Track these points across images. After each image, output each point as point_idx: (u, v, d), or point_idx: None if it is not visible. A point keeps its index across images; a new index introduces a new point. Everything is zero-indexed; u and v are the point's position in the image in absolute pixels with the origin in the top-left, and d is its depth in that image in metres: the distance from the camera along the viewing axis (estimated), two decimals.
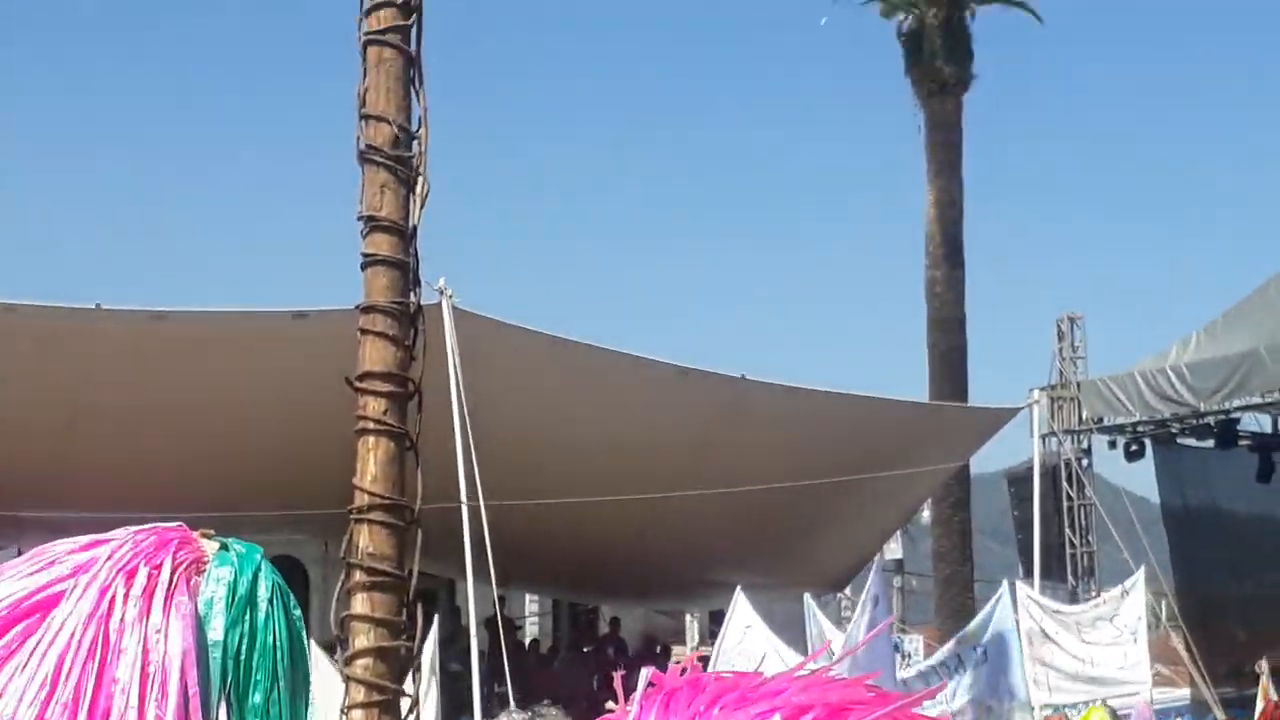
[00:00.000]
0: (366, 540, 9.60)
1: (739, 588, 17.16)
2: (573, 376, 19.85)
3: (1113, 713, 16.39)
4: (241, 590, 1.41)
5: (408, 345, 9.31)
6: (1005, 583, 18.98)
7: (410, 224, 9.55)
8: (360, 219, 9.63)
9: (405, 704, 5.85)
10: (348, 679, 10.15)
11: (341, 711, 12.13)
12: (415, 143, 10.10)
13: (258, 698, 1.39)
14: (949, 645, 17.63)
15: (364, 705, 9.67)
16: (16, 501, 18.80)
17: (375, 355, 9.43)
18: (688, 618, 17.38)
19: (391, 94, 9.30)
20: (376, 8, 10.42)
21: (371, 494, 9.30)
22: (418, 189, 9.88)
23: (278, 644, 1.44)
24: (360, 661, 9.72)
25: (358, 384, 9.07)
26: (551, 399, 19.36)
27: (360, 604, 9.71)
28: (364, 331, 9.16)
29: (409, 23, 9.79)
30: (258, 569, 1.47)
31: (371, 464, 9.30)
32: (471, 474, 15.41)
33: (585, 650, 26.04)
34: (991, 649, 16.51)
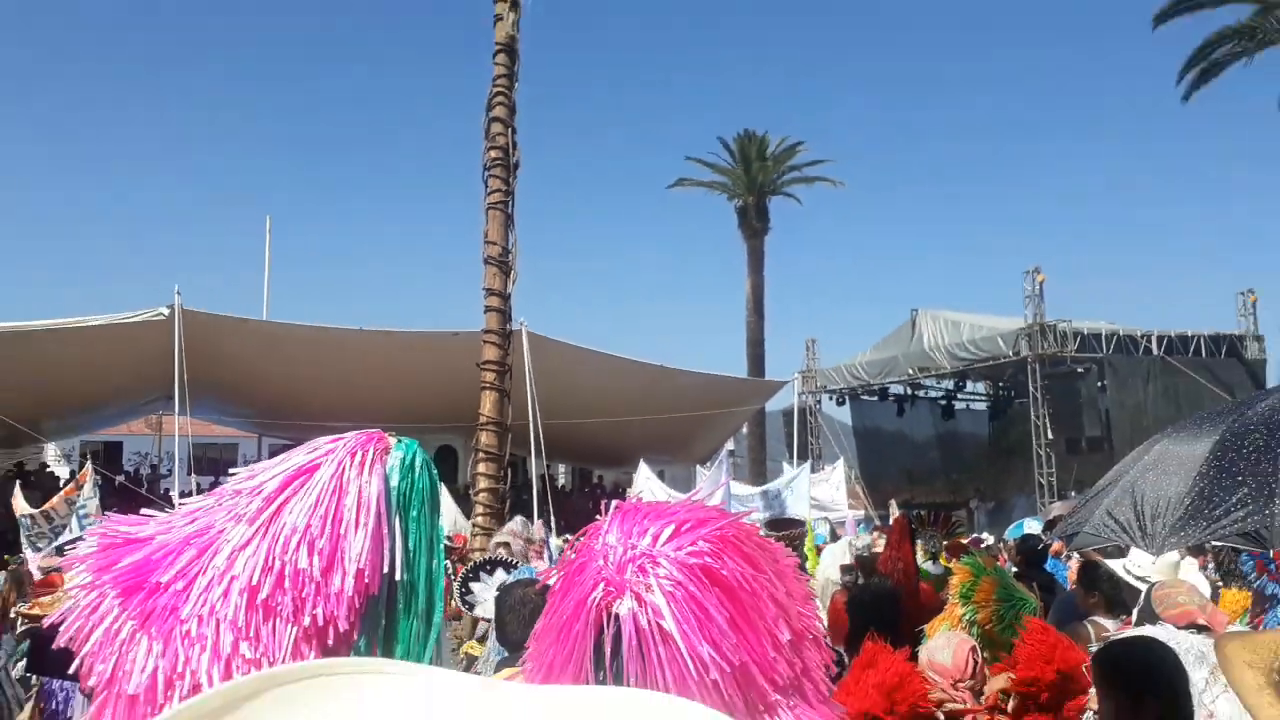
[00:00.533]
0: (484, 438, 16.68)
1: (642, 460, 19.29)
2: (586, 366, 22.38)
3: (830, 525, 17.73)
4: (407, 461, 1.47)
5: (505, 349, 16.19)
6: (787, 465, 21.36)
7: (509, 290, 16.02)
8: (484, 289, 15.97)
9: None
10: (475, 502, 16.74)
11: (471, 519, 17.06)
12: (510, 252, 16.43)
13: (414, 513, 1.44)
14: (757, 491, 18.07)
15: (483, 514, 16.22)
16: (305, 417, 19.80)
17: (490, 353, 16.37)
18: (634, 476, 20.37)
19: (499, 229, 16.05)
20: (491, 176, 15.54)
21: (486, 416, 16.33)
22: (511, 275, 16.28)
23: (425, 487, 1.48)
24: (481, 494, 16.52)
25: (481, 366, 13.23)
26: (569, 372, 20.88)
27: (481, 467, 16.41)
28: (485, 341, 15.86)
29: (511, 189, 16.08)
30: (415, 450, 1.51)
31: (487, 404, 16.21)
32: (534, 406, 17.10)
33: (585, 491, 28.68)
34: (776, 494, 17.27)
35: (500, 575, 4.36)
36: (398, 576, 1.42)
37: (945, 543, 8.88)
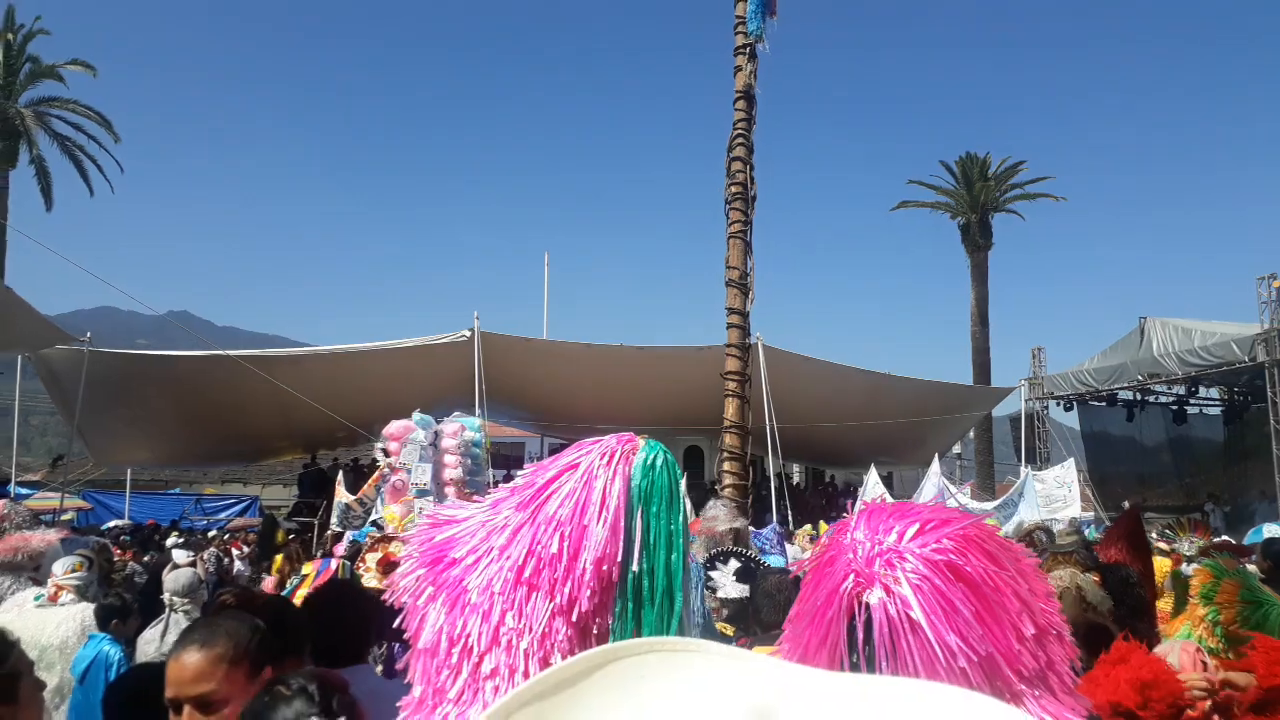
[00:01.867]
0: (728, 440, 16.35)
1: (872, 465, 18.90)
2: (818, 375, 22.05)
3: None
4: (649, 460, 1.45)
5: (744, 360, 15.87)
6: (1024, 469, 20.06)
7: (747, 309, 15.73)
8: (726, 309, 15.72)
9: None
10: (717, 497, 16.30)
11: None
12: (749, 275, 16.20)
13: (654, 508, 1.42)
14: (992, 505, 17.51)
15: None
16: (578, 420, 21.60)
17: (732, 365, 16.06)
18: (865, 479, 19.99)
19: (739, 256, 15.73)
20: (732, 208, 15.50)
21: (729, 420, 15.95)
22: (750, 296, 16.05)
23: (665, 485, 1.46)
24: (727, 490, 16.07)
25: (724, 376, 14.65)
26: (803, 380, 20.81)
27: (726, 466, 16.10)
28: (728, 354, 15.55)
29: (749, 219, 15.85)
30: (658, 451, 1.49)
31: (730, 409, 15.86)
32: (771, 411, 17.53)
33: (819, 489, 28.33)
34: (1008, 504, 16.94)
35: (734, 564, 4.37)
36: (635, 566, 1.42)
37: (1204, 545, 8.04)
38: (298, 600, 4.30)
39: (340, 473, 15.75)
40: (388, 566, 6.62)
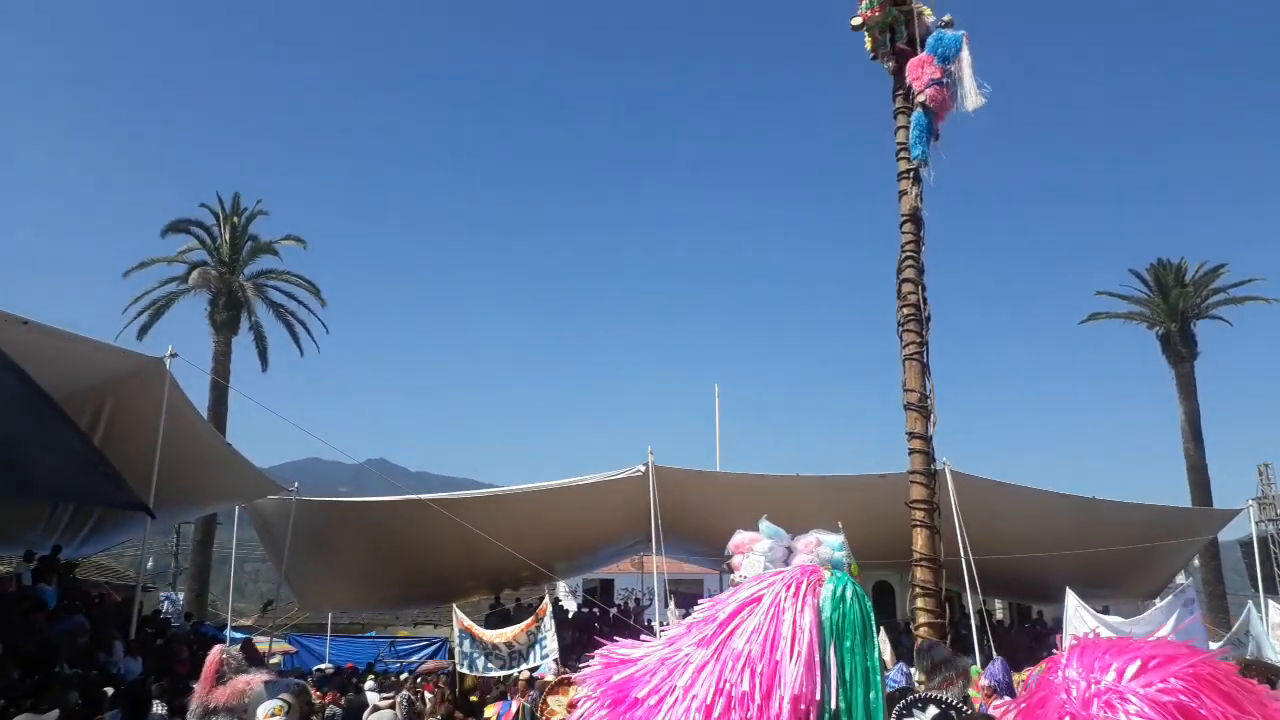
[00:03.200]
0: (920, 574, 15.20)
1: (1069, 590, 17.56)
2: (1011, 501, 20.69)
3: None
4: (838, 592, 1.44)
5: (931, 487, 14.82)
6: (1250, 602, 18.62)
7: (930, 433, 14.80)
8: (907, 434, 14.77)
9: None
10: (916, 636, 15.13)
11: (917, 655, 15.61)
12: (928, 397, 15.31)
13: (847, 643, 1.38)
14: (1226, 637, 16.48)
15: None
16: None
17: (918, 492, 15.01)
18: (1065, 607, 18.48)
19: (916, 378, 14.85)
20: (905, 330, 14.69)
21: (919, 552, 14.87)
22: (931, 419, 15.14)
23: (857, 618, 1.46)
24: (922, 629, 14.90)
25: (910, 504, 11.61)
26: (995, 508, 19.54)
27: (919, 602, 14.90)
28: (912, 481, 14.54)
29: (924, 340, 15.05)
30: (847, 584, 1.50)
31: (919, 540, 14.82)
32: (965, 542, 16.70)
33: (1025, 626, 26.64)
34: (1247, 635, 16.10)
35: (932, 710, 4.03)
36: (832, 705, 1.35)
37: None
38: None
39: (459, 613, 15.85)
40: (573, 707, 6.55)
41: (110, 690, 9.39)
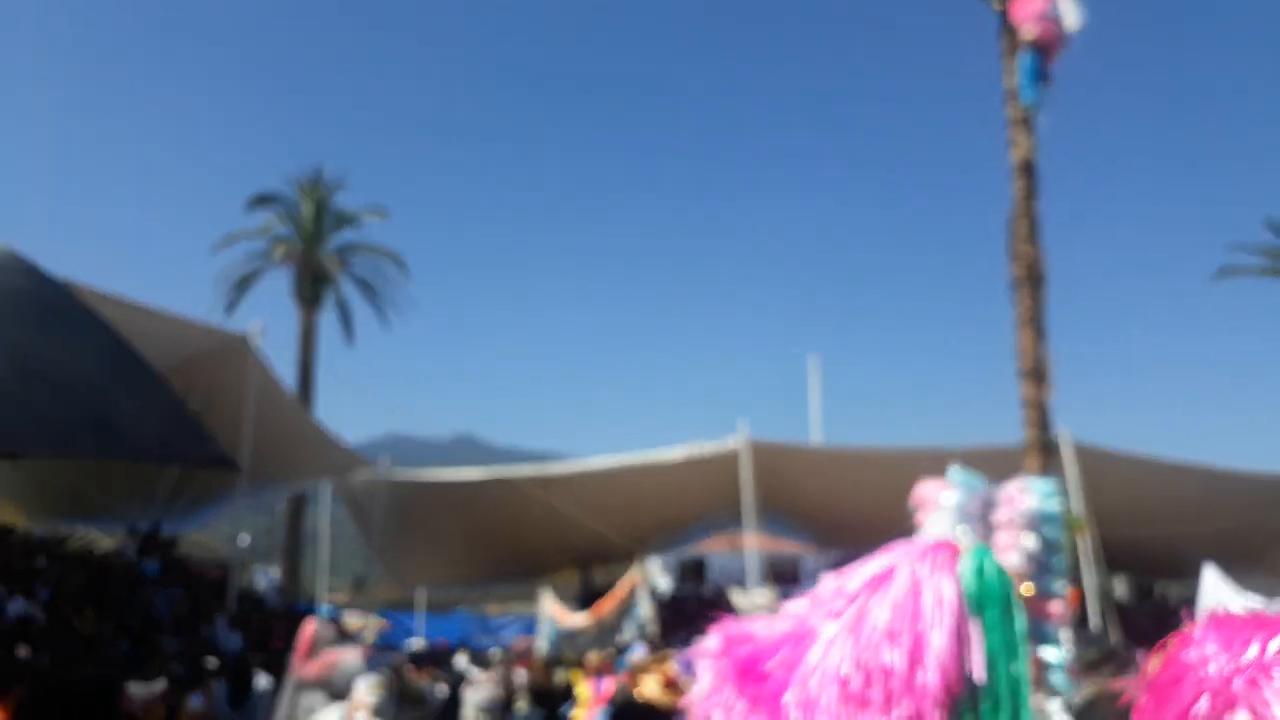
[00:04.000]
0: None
1: (1205, 566, 17.34)
2: (1133, 474, 20.19)
3: None
4: (978, 566, 1.47)
5: (1047, 460, 14.67)
6: None
7: (1047, 401, 14.67)
8: (1021, 402, 14.62)
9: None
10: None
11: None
12: (1045, 363, 15.11)
13: (987, 615, 1.39)
14: None
15: None
16: (859, 531, 24.78)
17: (1032, 465, 14.64)
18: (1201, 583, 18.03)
19: (1030, 342, 14.75)
20: (1018, 292, 14.94)
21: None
22: (1048, 386, 14.99)
23: (1000, 590, 1.48)
24: None
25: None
26: (1115, 482, 19.04)
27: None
28: (1028, 454, 14.21)
29: (1039, 302, 15.01)
30: (986, 556, 1.56)
31: None
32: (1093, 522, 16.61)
33: (1145, 606, 25.55)
34: None
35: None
36: (978, 678, 1.34)
37: None
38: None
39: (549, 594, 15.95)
40: (669, 684, 6.61)
41: (213, 661, 9.88)
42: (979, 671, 1.37)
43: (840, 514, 22.08)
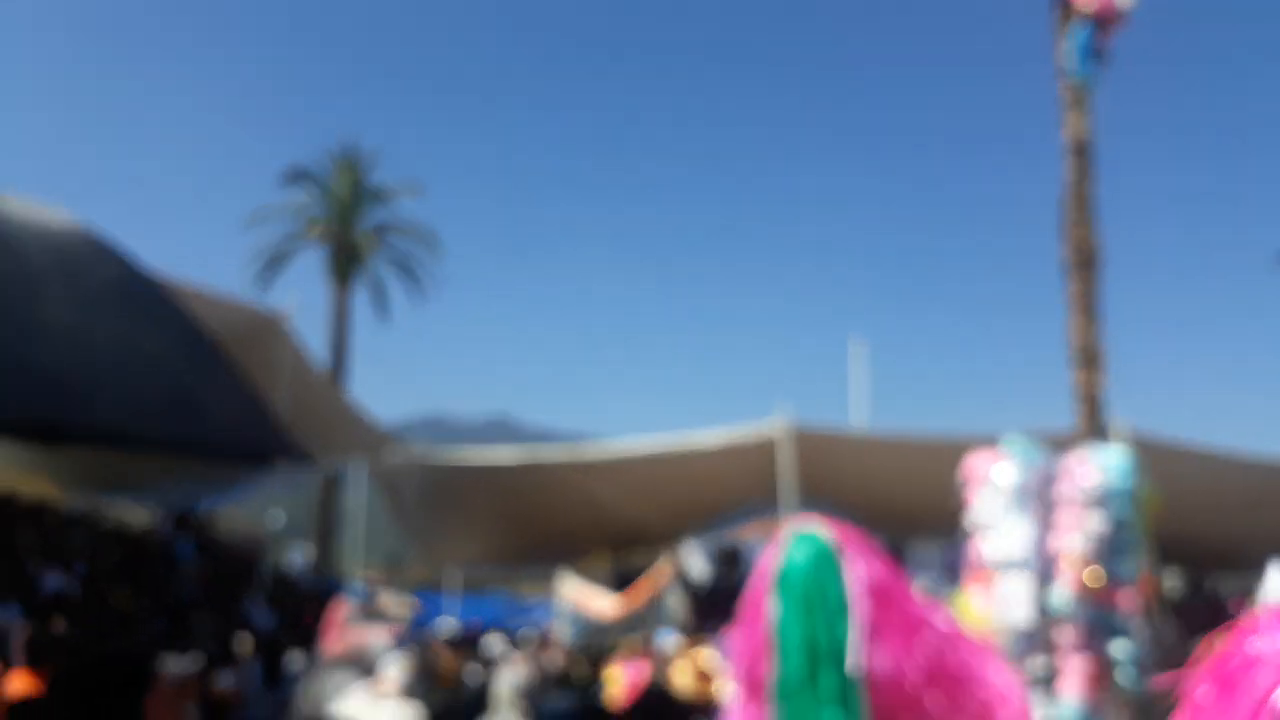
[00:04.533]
0: None
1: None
2: (1189, 465, 19.58)
3: None
4: (792, 543, 1.54)
5: None
6: None
7: (1099, 390, 13.84)
8: (1073, 389, 13.50)
9: None
10: None
11: None
12: (1098, 349, 14.27)
13: (784, 599, 1.45)
14: None
15: None
16: (904, 520, 24.93)
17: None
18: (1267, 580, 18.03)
19: (1082, 328, 13.80)
20: (1070, 274, 14.06)
21: None
22: (1100, 374, 14.26)
23: (798, 570, 1.54)
24: None
25: None
26: (1171, 472, 21.57)
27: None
28: (1078, 441, 12.63)
29: (1093, 286, 14.16)
30: (805, 537, 1.60)
31: None
32: None
33: (1196, 600, 25.49)
34: None
35: None
36: (769, 663, 1.58)
37: None
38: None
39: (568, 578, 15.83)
40: (700, 674, 6.61)
41: (247, 637, 10.08)
42: (770, 656, 1.45)
43: (882, 502, 22.06)
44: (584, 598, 14.02)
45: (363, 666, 6.49)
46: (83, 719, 1.62)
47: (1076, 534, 5.90)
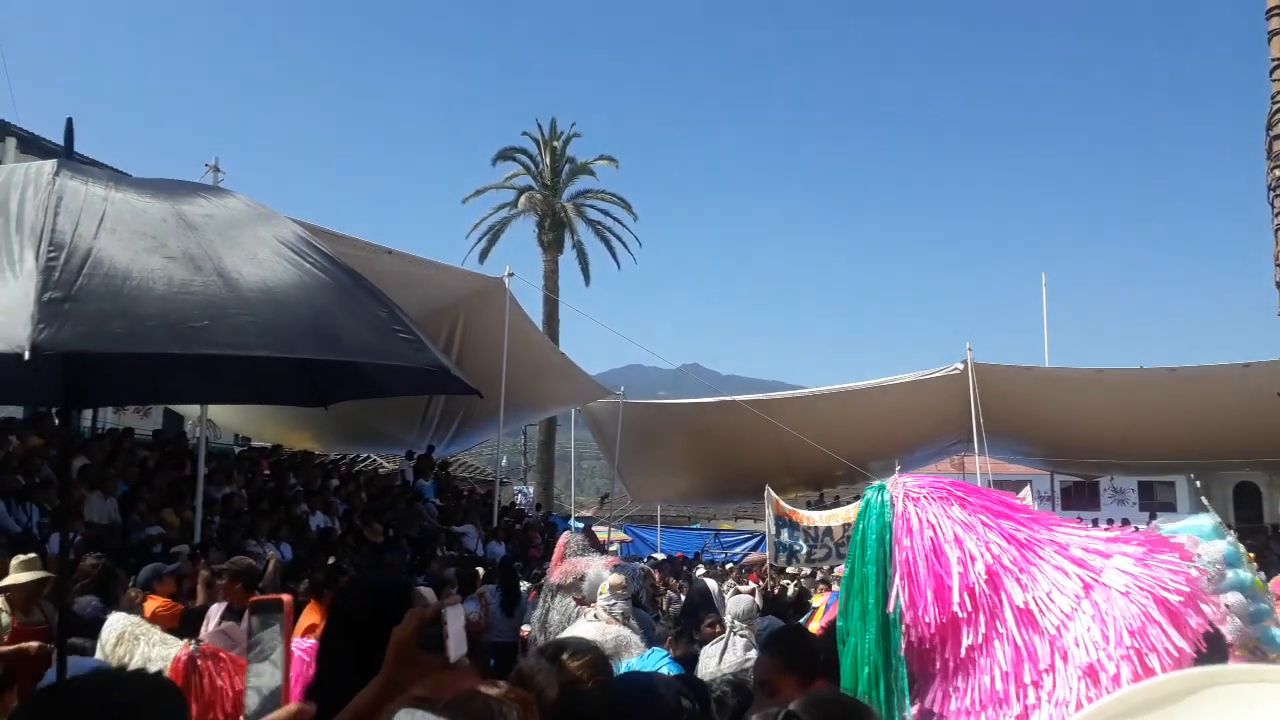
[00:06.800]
0: None
1: None
2: None
3: None
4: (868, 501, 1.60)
5: None
6: None
7: None
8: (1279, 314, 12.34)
9: None
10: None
11: None
12: None
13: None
14: None
15: None
16: (1093, 454, 22.84)
17: None
18: None
19: None
20: (1277, 196, 12.46)
21: None
22: None
23: (868, 524, 1.79)
24: None
25: None
26: None
27: None
28: None
29: None
30: (877, 490, 1.82)
31: None
32: None
33: None
34: None
35: None
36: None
37: None
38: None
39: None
40: None
41: (480, 570, 10.69)
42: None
43: (1074, 436, 20.91)
44: (798, 513, 13.76)
45: (575, 590, 6.77)
46: (359, 641, 1.72)
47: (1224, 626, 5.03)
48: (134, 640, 4.64)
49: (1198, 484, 23.89)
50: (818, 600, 10.32)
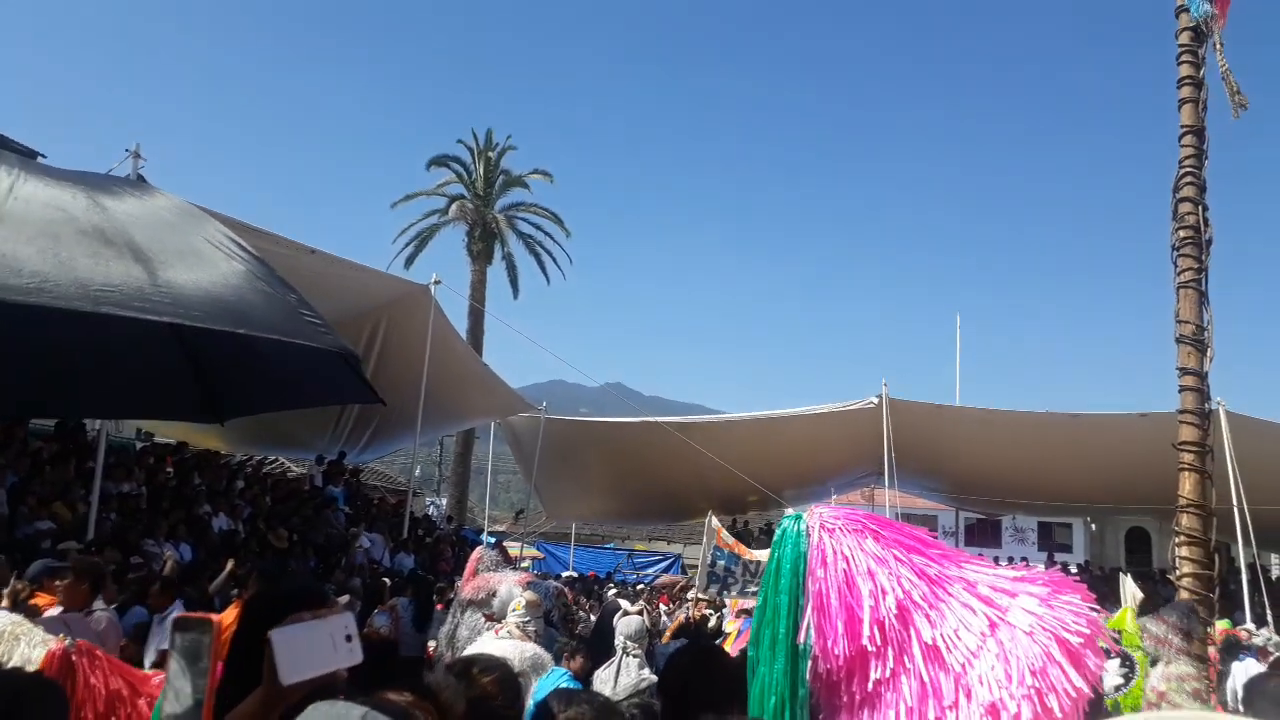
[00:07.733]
0: (1186, 521, 13.41)
1: None
2: None
3: None
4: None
5: (1204, 429, 12.99)
6: None
7: (1205, 369, 12.94)
8: (1178, 369, 12.83)
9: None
10: (1179, 588, 13.47)
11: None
12: (1205, 330, 13.37)
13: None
14: None
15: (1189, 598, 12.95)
16: (995, 494, 22.79)
17: (1188, 434, 12.96)
18: None
19: (1191, 308, 13.02)
20: (1181, 255, 13.05)
21: (1186, 498, 13.05)
22: (1208, 354, 13.27)
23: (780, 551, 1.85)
24: (1185, 580, 13.25)
25: (1178, 446, 11.74)
26: (1275, 456, 17.27)
27: (1184, 551, 13.21)
28: (1182, 422, 12.28)
29: (1203, 266, 13.15)
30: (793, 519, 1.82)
31: (1187, 485, 13.01)
32: (1239, 490, 15.66)
33: None
34: None
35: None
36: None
37: None
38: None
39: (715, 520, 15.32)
40: None
41: (387, 581, 10.43)
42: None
43: (978, 475, 21.51)
44: (739, 544, 13.66)
45: (485, 606, 6.67)
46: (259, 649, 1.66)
47: None
48: (14, 640, 4.39)
49: (1093, 527, 24.89)
50: (730, 626, 10.34)
